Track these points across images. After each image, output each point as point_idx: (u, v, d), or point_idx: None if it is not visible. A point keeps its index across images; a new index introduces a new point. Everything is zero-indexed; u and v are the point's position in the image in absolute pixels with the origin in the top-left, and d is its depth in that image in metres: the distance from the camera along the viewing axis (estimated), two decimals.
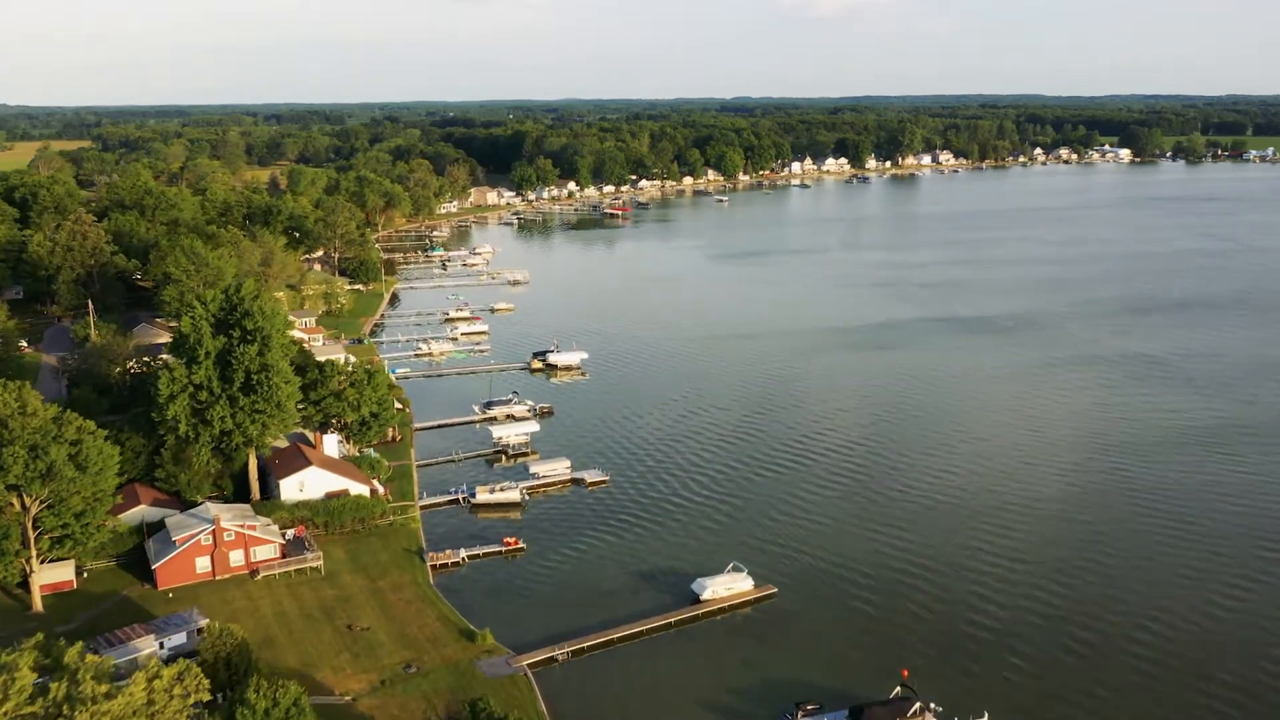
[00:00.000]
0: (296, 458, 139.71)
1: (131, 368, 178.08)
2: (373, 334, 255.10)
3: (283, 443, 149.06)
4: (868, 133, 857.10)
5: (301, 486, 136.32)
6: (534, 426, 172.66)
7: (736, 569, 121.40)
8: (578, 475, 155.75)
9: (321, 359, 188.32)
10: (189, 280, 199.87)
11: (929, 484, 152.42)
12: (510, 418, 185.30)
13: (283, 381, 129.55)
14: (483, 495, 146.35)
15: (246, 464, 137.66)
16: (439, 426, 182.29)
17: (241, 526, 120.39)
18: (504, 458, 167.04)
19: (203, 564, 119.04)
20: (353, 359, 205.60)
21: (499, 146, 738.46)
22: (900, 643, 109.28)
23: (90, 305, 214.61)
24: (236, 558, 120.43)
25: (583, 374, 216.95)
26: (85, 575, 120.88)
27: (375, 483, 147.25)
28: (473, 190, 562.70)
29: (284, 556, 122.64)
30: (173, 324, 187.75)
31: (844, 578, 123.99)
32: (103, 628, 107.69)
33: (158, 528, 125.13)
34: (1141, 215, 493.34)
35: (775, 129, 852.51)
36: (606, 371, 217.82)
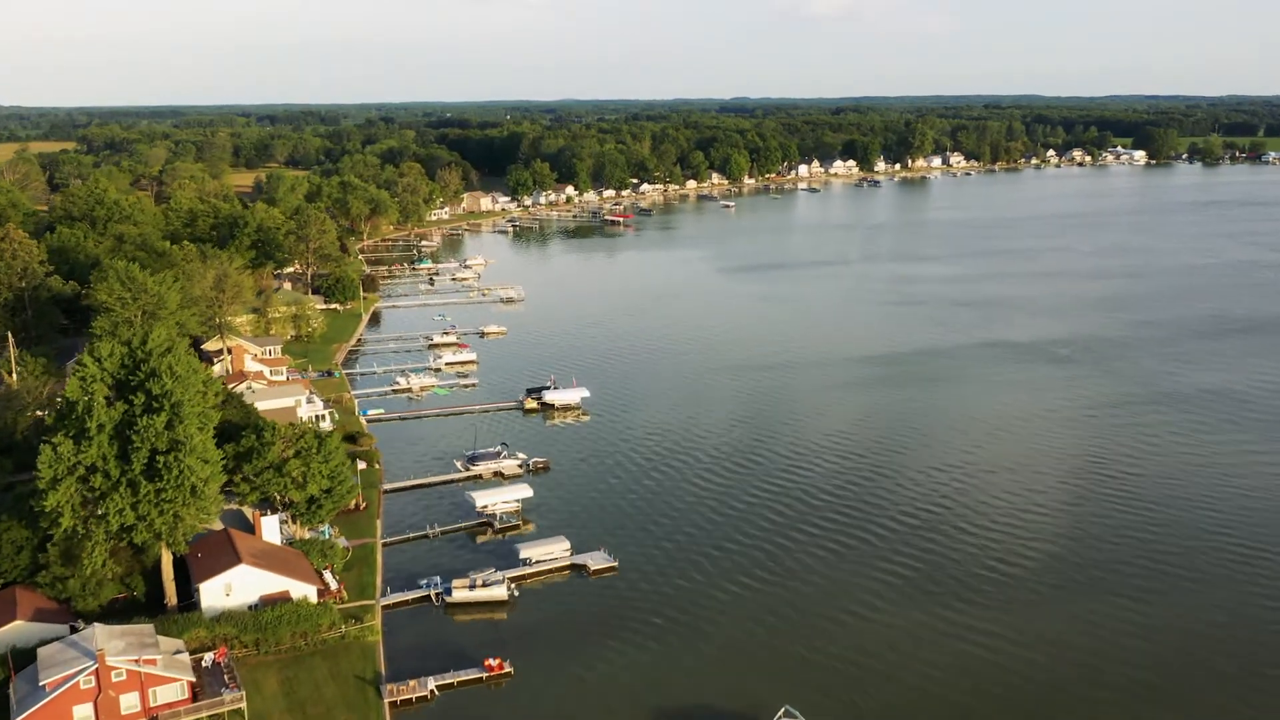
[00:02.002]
0: (223, 552, 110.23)
1: (49, 415, 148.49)
2: (346, 364, 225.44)
3: (217, 524, 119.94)
4: (874, 134, 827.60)
5: (228, 590, 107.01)
6: (526, 491, 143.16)
7: (790, 716, 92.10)
8: (579, 560, 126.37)
9: (272, 404, 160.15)
10: (123, 310, 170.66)
11: (1012, 566, 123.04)
12: (499, 475, 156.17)
13: (199, 462, 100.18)
14: (460, 592, 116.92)
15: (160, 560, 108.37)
16: (414, 487, 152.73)
17: (136, 661, 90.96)
18: (489, 530, 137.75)
19: (83, 713, 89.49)
20: (317, 401, 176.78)
21: (494, 149, 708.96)
22: None
23: (10, 337, 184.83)
24: (130, 702, 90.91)
25: (583, 415, 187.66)
26: None
27: (328, 574, 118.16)
28: (465, 195, 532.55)
29: (195, 698, 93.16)
30: None
31: (931, 717, 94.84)
32: None
33: (33, 656, 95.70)
34: (1179, 221, 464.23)
35: (780, 130, 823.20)
36: (611, 413, 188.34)
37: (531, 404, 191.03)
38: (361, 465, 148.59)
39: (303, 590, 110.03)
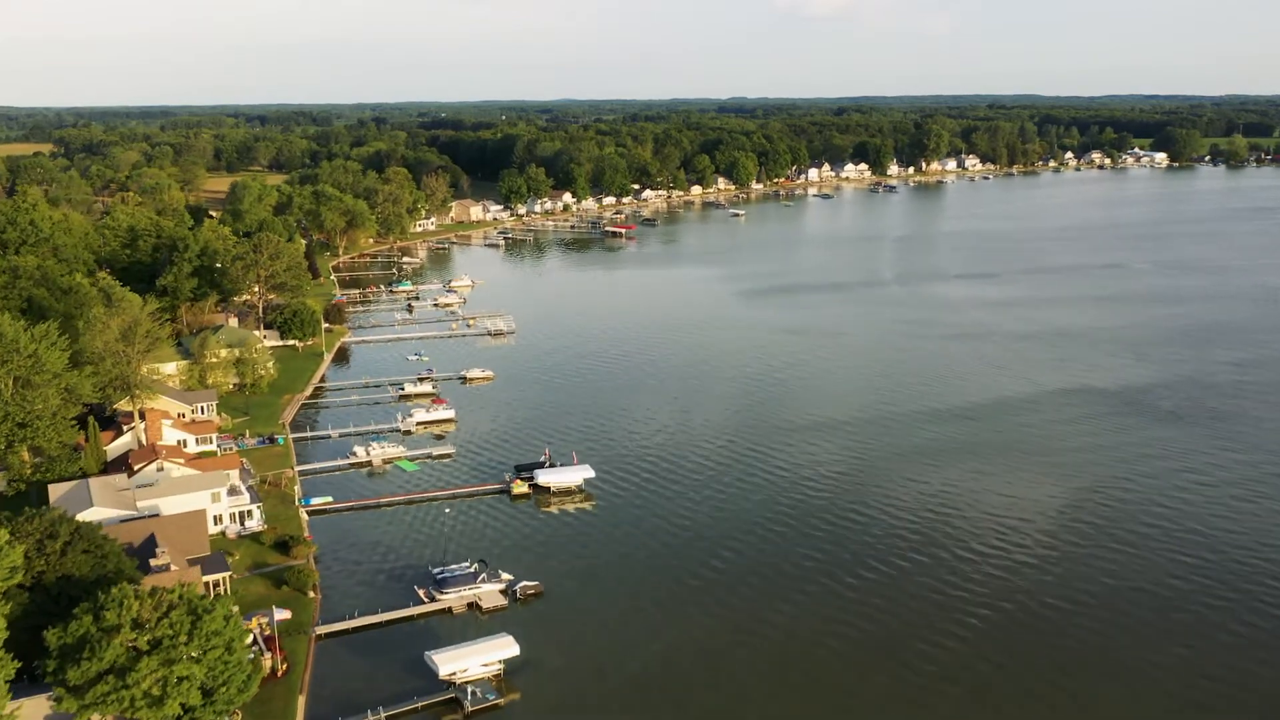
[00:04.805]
0: None
1: None
2: (295, 424, 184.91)
3: None
4: (883, 135, 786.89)
5: None
6: (509, 648, 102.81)
7: None
8: None
9: (178, 503, 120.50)
10: None
11: None
12: (475, 609, 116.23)
13: None
14: None
15: None
16: (358, 630, 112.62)
17: None
18: (458, 711, 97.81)
19: None
20: (244, 490, 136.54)
21: (487, 152, 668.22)
22: None
23: None
24: None
25: (585, 502, 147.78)
26: None
27: None
28: (454, 204, 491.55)
29: None
30: None
31: None
32: None
33: None
34: (1235, 231, 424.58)
35: (786, 131, 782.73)
36: (620, 499, 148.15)
37: (521, 487, 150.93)
38: (283, 614, 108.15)
39: None
